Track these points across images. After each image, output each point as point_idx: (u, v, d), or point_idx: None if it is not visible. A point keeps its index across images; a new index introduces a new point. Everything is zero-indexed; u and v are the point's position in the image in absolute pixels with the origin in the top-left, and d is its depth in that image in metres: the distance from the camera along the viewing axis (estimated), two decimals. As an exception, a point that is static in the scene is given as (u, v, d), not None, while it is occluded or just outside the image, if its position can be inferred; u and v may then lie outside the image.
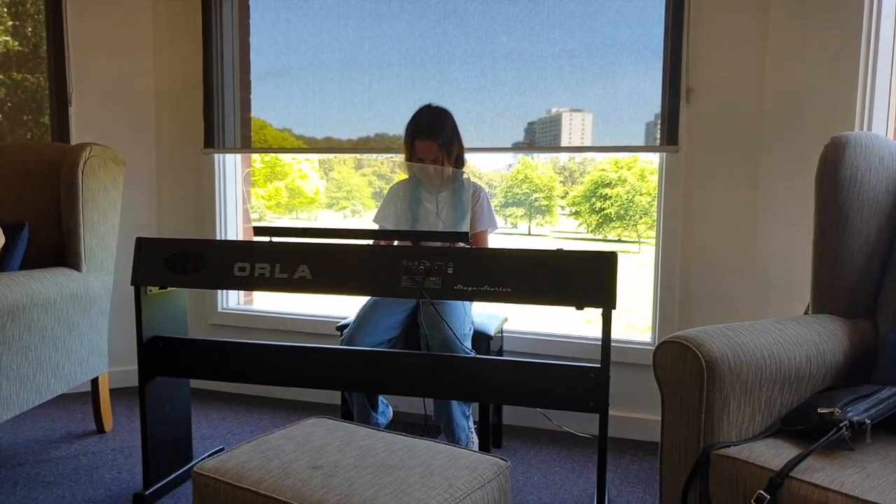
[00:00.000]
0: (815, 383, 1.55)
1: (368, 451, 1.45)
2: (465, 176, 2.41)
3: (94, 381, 2.58)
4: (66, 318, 2.29)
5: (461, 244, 1.94)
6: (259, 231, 2.03)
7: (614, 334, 2.68)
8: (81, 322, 2.37)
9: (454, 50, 2.73)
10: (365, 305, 2.32)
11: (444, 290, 1.80)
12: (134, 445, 2.51)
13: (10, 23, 3.12)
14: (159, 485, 2.12)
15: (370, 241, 2.33)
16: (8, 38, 3.12)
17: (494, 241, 2.55)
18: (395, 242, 2.32)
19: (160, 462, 2.14)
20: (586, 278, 1.74)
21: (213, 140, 3.12)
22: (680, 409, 1.42)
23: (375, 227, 2.48)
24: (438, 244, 2.12)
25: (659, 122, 2.52)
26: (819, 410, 1.37)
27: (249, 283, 1.96)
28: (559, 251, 1.78)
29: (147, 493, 2.07)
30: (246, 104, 3.15)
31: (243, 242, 2.02)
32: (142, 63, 3.16)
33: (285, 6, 2.99)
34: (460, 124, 2.41)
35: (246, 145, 3.17)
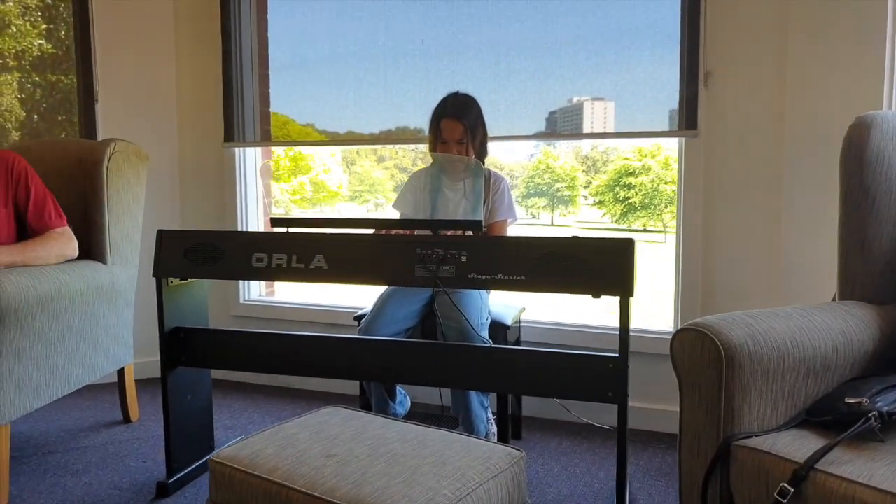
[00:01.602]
0: (842, 372, 1.51)
1: (382, 441, 1.45)
2: (482, 164, 2.39)
3: (121, 372, 2.63)
4: (92, 310, 2.33)
5: (470, 232, 1.93)
6: (276, 222, 2.04)
7: (638, 324, 2.67)
8: (107, 313, 2.41)
9: (467, 39, 2.71)
10: (381, 295, 2.32)
11: (458, 279, 1.79)
12: (158, 435, 2.55)
13: (45, 26, 3.19)
14: (182, 473, 2.16)
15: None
16: (42, 42, 3.19)
17: (515, 231, 2.53)
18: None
19: (182, 451, 2.17)
20: (603, 266, 1.71)
21: (232, 134, 3.14)
22: (698, 398, 1.39)
23: (395, 214, 2.48)
24: (451, 232, 2.11)
25: (677, 106, 2.48)
26: (847, 400, 1.33)
27: (267, 274, 1.97)
28: (574, 238, 1.75)
29: (170, 481, 2.10)
30: (265, 98, 3.18)
31: (261, 233, 2.04)
32: (164, 61, 3.21)
33: (301, 0, 3.00)
34: (473, 113, 2.39)
35: (265, 139, 3.19)
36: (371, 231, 2.16)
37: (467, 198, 2.37)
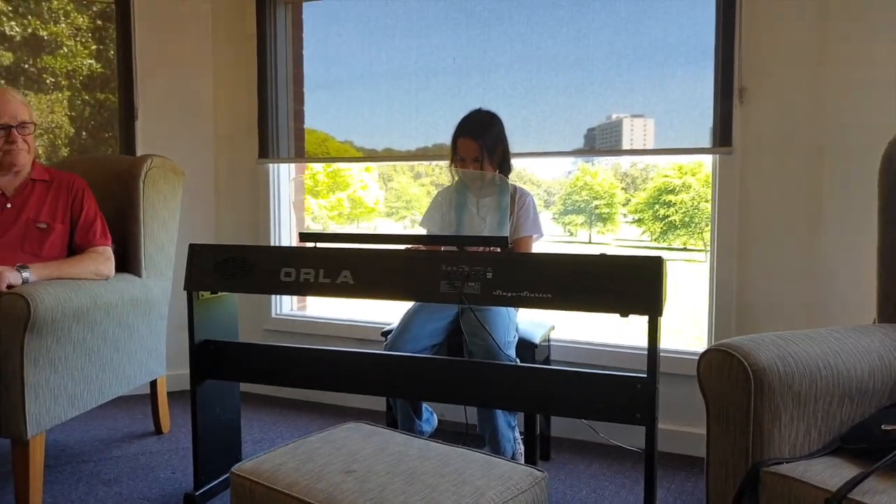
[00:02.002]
0: (879, 398, 1.45)
1: (402, 458, 1.44)
2: (507, 180, 2.38)
3: (154, 384, 2.68)
4: (126, 322, 2.38)
5: (497, 249, 1.91)
6: (304, 237, 2.06)
7: (672, 345, 2.62)
8: (141, 326, 2.46)
9: (499, 56, 2.72)
10: (408, 311, 2.32)
11: (484, 296, 1.78)
12: (188, 447, 2.58)
13: (94, 47, 3.31)
14: (209, 486, 2.17)
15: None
16: (92, 61, 3.31)
17: (546, 248, 2.51)
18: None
19: (210, 463, 2.19)
20: (631, 284, 1.68)
21: (267, 150, 3.20)
22: (726, 421, 1.35)
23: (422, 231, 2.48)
24: (477, 249, 2.10)
25: (711, 123, 2.44)
26: (883, 427, 1.28)
27: (295, 288, 1.99)
28: (602, 256, 1.73)
29: (197, 493, 2.12)
30: (299, 115, 3.24)
31: (289, 248, 2.06)
32: (202, 79, 3.30)
33: (336, 19, 3.06)
34: (507, 130, 2.39)
35: (299, 155, 3.24)
36: (397, 247, 2.16)
37: (492, 214, 2.36)
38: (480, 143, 2.31)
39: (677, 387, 2.49)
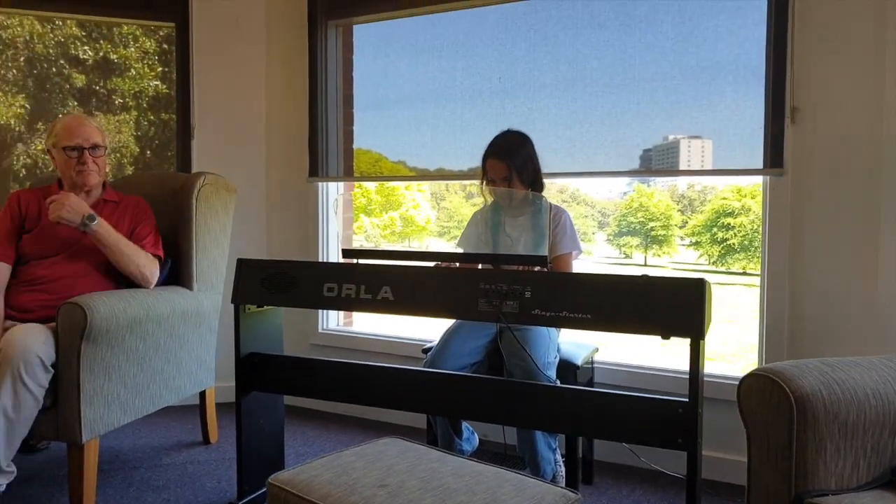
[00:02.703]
0: (935, 430, 1.38)
1: (435, 474, 1.44)
2: (543, 198, 2.38)
3: (203, 394, 2.75)
4: (177, 333, 2.46)
5: (538, 268, 1.91)
6: (347, 253, 2.10)
7: (731, 371, 2.55)
8: (191, 337, 2.54)
9: (544, 77, 2.73)
10: (448, 329, 2.33)
11: (522, 315, 1.77)
12: (234, 457, 2.64)
13: (160, 69, 3.47)
14: (252, 496, 2.21)
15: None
16: (158, 83, 3.46)
17: (597, 269, 2.48)
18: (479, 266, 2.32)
19: (253, 474, 2.23)
20: (673, 306, 1.65)
21: (317, 169, 3.28)
22: (767, 449, 1.31)
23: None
24: (516, 267, 2.10)
25: (762, 143, 2.39)
26: (937, 460, 1.22)
27: (337, 303, 2.02)
28: (643, 277, 1.70)
29: (240, 503, 2.16)
30: (349, 135, 3.31)
31: (332, 264, 2.10)
32: (255, 99, 3.41)
33: (385, 40, 3.13)
34: (551, 149, 2.39)
35: (348, 174, 3.31)
36: (434, 263, 2.18)
37: (527, 232, 2.35)
38: (509, 163, 2.32)
39: (726, 412, 2.42)
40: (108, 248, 2.27)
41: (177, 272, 2.57)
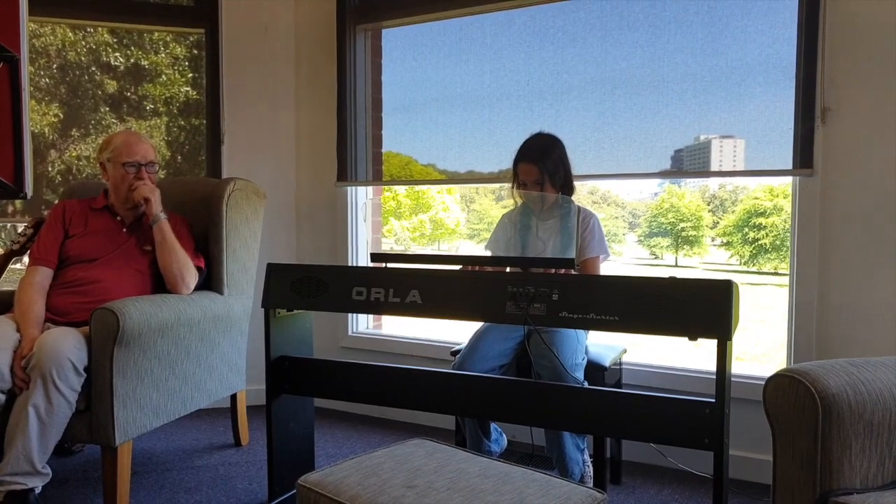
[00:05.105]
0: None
1: (463, 475, 1.46)
2: (572, 201, 2.38)
3: (234, 397, 2.80)
4: (208, 337, 2.51)
5: (567, 270, 1.91)
6: (376, 257, 2.12)
7: (762, 372, 2.51)
8: (222, 341, 2.59)
9: (572, 79, 2.73)
10: (476, 332, 2.34)
11: (549, 317, 1.78)
12: (265, 459, 2.67)
13: (191, 75, 3.54)
14: (282, 498, 2.25)
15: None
16: (188, 89, 3.53)
17: (628, 270, 2.48)
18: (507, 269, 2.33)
19: (284, 476, 2.27)
20: (700, 308, 1.65)
21: (346, 173, 3.31)
22: (793, 448, 1.30)
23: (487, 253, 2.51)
24: (543, 270, 2.10)
25: (792, 144, 2.36)
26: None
27: (366, 307, 2.05)
28: (671, 279, 1.70)
29: (271, 504, 2.20)
30: (377, 140, 3.34)
31: (360, 268, 2.13)
32: (284, 104, 3.46)
33: (413, 44, 3.16)
34: (579, 151, 2.39)
35: (377, 178, 3.34)
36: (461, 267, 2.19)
37: (556, 235, 2.35)
38: (540, 166, 2.32)
39: (753, 412, 2.39)
40: (165, 243, 2.37)
41: (208, 277, 2.61)
